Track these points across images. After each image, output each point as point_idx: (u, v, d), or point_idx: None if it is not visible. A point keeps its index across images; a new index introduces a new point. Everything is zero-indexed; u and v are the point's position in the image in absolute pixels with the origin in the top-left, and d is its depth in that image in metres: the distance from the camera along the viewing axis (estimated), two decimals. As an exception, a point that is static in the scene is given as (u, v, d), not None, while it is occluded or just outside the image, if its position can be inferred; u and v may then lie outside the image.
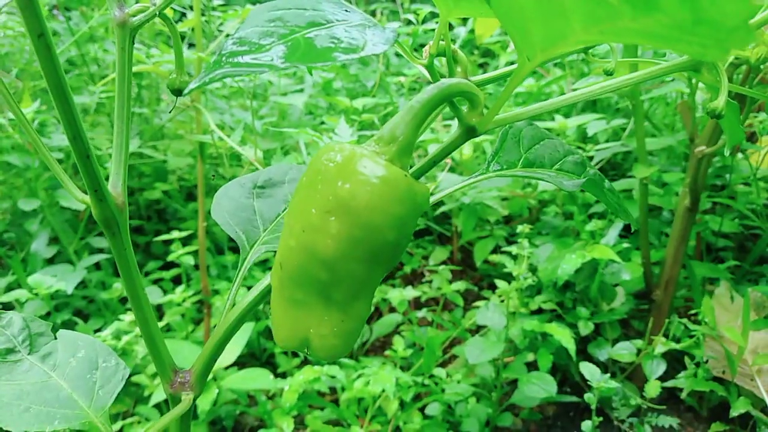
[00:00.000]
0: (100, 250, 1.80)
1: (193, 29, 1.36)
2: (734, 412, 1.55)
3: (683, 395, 1.63)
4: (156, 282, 1.90)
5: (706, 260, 1.90)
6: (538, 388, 1.38)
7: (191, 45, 1.47)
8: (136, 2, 0.45)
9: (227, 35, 1.46)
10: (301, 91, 2.57)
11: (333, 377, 1.55)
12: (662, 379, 1.55)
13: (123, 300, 1.73)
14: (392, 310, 2.16)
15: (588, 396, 1.17)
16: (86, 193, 0.40)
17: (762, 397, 1.56)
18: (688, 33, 0.26)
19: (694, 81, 1.47)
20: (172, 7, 1.27)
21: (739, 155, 1.94)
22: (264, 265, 2.02)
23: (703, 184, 1.47)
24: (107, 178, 0.42)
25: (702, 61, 0.44)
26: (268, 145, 1.94)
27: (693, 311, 1.66)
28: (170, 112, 1.26)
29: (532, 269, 1.63)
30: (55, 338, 0.56)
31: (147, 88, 2.06)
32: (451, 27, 0.54)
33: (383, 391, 1.41)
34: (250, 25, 0.35)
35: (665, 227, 1.93)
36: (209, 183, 2.39)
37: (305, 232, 0.39)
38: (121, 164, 0.41)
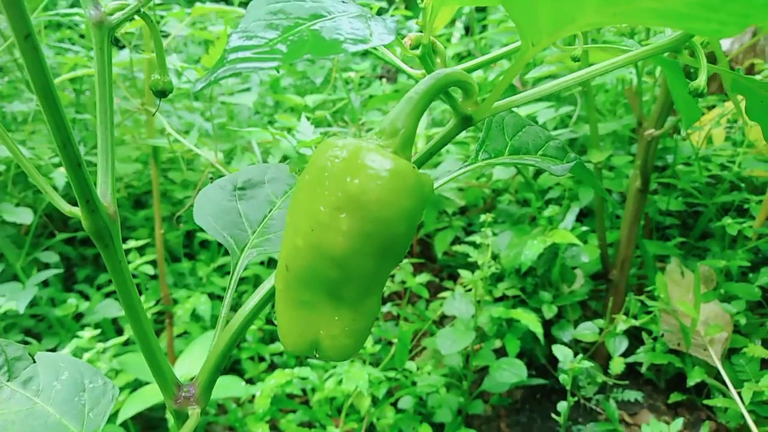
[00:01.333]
0: (48, 266, 1.71)
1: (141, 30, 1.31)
2: (690, 382, 1.62)
3: (643, 369, 1.70)
4: (108, 296, 1.83)
5: (654, 239, 1.98)
6: (509, 373, 1.40)
7: (136, 46, 1.41)
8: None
9: (173, 36, 1.41)
10: (248, 89, 2.52)
11: (304, 379, 1.54)
12: (623, 355, 1.61)
13: (78, 316, 1.65)
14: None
15: (563, 377, 1.20)
16: (74, 205, 0.38)
17: (715, 365, 1.64)
18: (714, 10, 0.27)
19: (639, 67, 1.53)
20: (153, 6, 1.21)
21: (678, 136, 2.03)
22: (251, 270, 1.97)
23: (652, 165, 1.53)
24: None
25: (683, 43, 0.46)
26: (219, 146, 1.90)
27: (648, 288, 1.72)
28: (153, 115, 1.21)
29: (494, 257, 1.66)
30: (34, 362, 0.53)
31: (84, 92, 1.96)
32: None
33: (356, 388, 1.40)
34: (252, 18, 0.33)
35: (616, 209, 2.00)
36: (161, 189, 2.31)
37: (314, 231, 0.38)
38: (108, 171, 0.39)
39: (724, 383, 1.59)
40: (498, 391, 1.58)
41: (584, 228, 1.61)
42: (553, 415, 1.27)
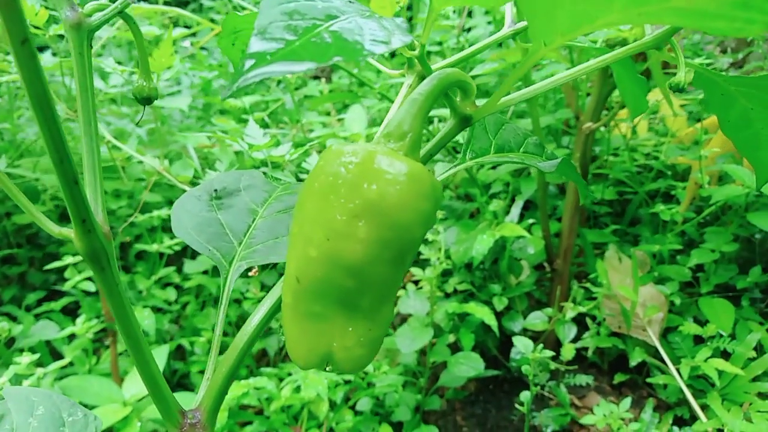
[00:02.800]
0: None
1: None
2: (633, 362, 1.70)
3: (589, 353, 1.77)
4: (39, 317, 1.71)
5: (589, 227, 2.06)
6: (467, 367, 1.42)
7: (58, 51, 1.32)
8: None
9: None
10: (179, 92, 2.43)
11: (260, 389, 1.50)
12: (571, 342, 1.66)
13: (9, 342, 1.53)
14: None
15: (525, 368, 1.23)
16: (64, 226, 0.34)
17: (653, 344, 1.73)
18: (746, 8, 0.27)
19: (575, 64, 1.59)
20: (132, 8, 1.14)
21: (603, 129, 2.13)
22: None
23: (590, 157, 1.59)
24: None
25: (665, 40, 0.47)
26: (152, 152, 1.81)
27: (590, 276, 1.79)
28: (137, 123, 1.12)
29: (445, 253, 1.67)
30: (2, 398, 0.48)
31: (10, 97, 1.81)
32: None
33: (317, 394, 1.38)
34: (267, 19, 0.31)
35: (553, 201, 2.07)
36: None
37: (330, 240, 0.36)
38: (98, 188, 0.35)
39: (663, 361, 1.69)
40: (455, 385, 1.60)
41: (531, 220, 1.66)
42: (516, 405, 1.30)
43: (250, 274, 0.61)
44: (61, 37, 1.33)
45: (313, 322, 0.40)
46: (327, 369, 0.41)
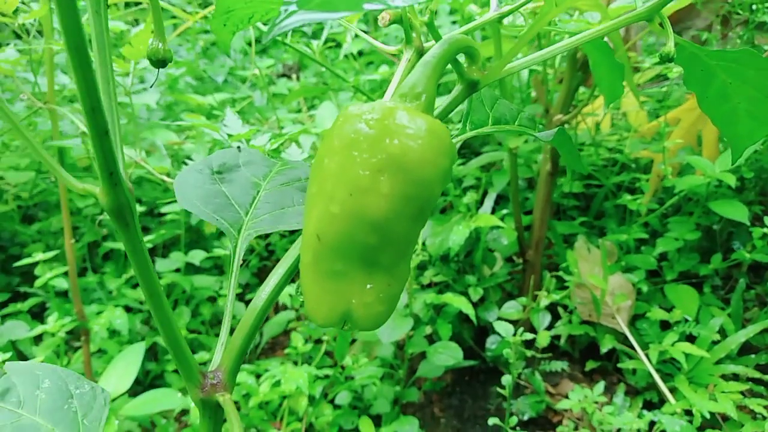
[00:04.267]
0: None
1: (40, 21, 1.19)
2: (603, 349, 1.75)
3: (562, 342, 1.81)
4: (6, 318, 1.65)
5: (560, 220, 2.11)
6: (446, 356, 1.44)
7: (39, 33, 1.28)
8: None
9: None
10: (144, 90, 2.38)
11: (238, 384, 1.48)
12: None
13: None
14: (277, 311, 2.10)
15: (506, 351, 1.25)
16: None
17: (623, 331, 1.79)
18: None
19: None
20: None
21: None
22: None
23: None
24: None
25: (656, 11, 0.50)
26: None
27: (561, 266, 1.84)
28: (151, 86, 1.07)
29: (421, 246, 1.69)
30: (5, 373, 0.47)
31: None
32: None
33: (297, 388, 1.38)
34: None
35: (523, 194, 2.11)
36: (47, 200, 2.12)
37: (353, 196, 0.37)
38: (119, 147, 0.35)
39: (632, 347, 1.74)
40: (433, 375, 1.61)
41: (504, 211, 1.69)
42: (497, 391, 1.32)
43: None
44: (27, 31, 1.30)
45: (333, 280, 0.40)
46: (345, 328, 0.42)
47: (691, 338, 1.73)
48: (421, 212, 0.39)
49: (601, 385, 1.56)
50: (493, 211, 1.86)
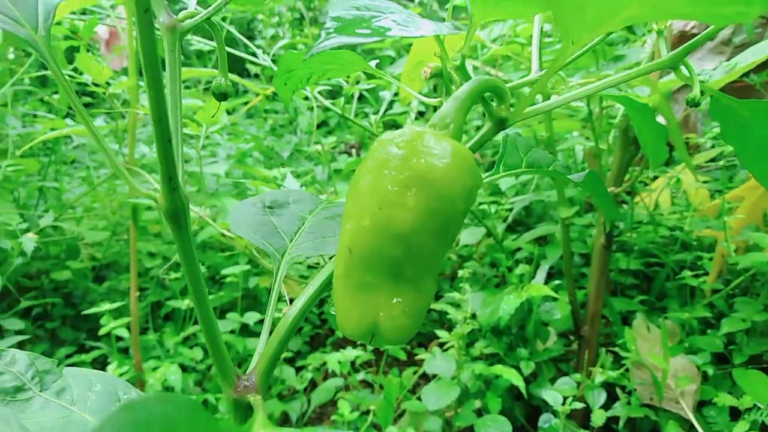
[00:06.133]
0: None
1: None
2: (667, 436, 1.64)
3: (620, 424, 1.71)
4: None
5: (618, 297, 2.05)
6: (494, 430, 1.39)
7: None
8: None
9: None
10: (215, 162, 2.55)
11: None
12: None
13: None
14: (326, 378, 2.10)
15: (554, 422, 1.20)
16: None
17: (688, 417, 1.68)
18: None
19: (596, 131, 1.66)
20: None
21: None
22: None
23: (614, 223, 1.62)
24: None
25: (679, 60, 0.53)
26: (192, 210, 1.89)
27: (617, 343, 1.77)
28: (212, 116, 1.19)
29: (471, 317, 1.68)
30: (62, 376, 0.51)
31: (56, 163, 1.94)
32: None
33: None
34: (339, 11, 0.37)
35: (578, 269, 2.08)
36: (118, 262, 2.25)
37: (382, 209, 0.41)
38: (180, 161, 0.41)
39: (698, 435, 1.62)
40: (481, 451, 1.55)
41: (557, 282, 1.67)
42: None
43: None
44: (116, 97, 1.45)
45: (362, 292, 0.43)
46: (371, 341, 0.44)
47: (764, 428, 1.60)
48: (445, 227, 0.42)
49: (663, 474, 1.45)
50: (545, 284, 1.83)
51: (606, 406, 1.67)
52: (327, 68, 0.70)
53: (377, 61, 0.71)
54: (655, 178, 2.39)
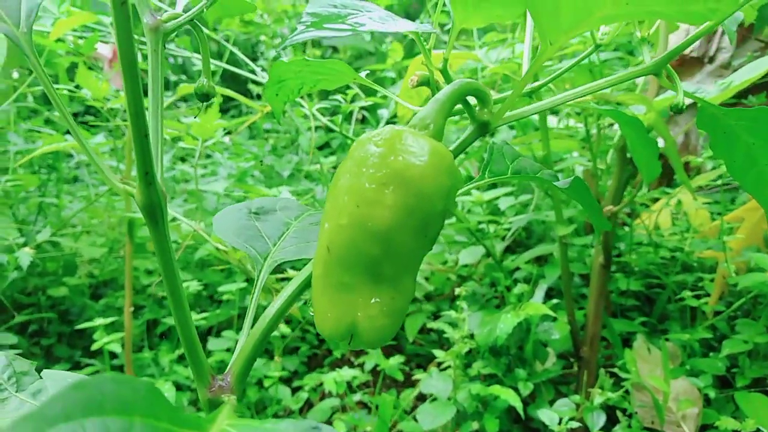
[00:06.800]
0: None
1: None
2: (668, 460, 1.61)
3: (621, 448, 1.68)
4: (63, 387, 1.71)
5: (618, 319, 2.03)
6: (491, 451, 1.36)
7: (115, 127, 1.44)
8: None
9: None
10: (216, 181, 2.56)
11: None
12: (600, 433, 1.59)
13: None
14: (323, 398, 2.07)
15: (551, 441, 1.18)
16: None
17: (690, 441, 1.64)
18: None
19: (594, 151, 1.66)
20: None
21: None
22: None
23: (612, 242, 1.62)
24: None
25: (662, 66, 0.53)
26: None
27: (617, 364, 1.75)
28: (195, 117, 1.19)
29: (469, 336, 1.66)
30: (40, 377, 0.50)
31: (57, 180, 1.95)
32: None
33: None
34: (316, 7, 0.38)
35: (579, 289, 2.06)
36: (116, 279, 2.25)
37: (359, 207, 0.40)
38: (159, 158, 0.41)
39: (701, 459, 1.59)
40: (478, 474, 1.52)
41: (555, 300, 1.65)
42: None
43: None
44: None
45: (340, 292, 0.42)
46: (350, 344, 0.44)
47: (768, 453, 1.56)
48: (423, 226, 0.41)
49: (664, 498, 1.42)
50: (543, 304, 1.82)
51: (606, 429, 1.64)
52: (318, 78, 0.71)
53: (367, 72, 0.71)
54: (656, 200, 2.39)
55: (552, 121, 1.86)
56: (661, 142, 2.08)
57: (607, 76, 0.53)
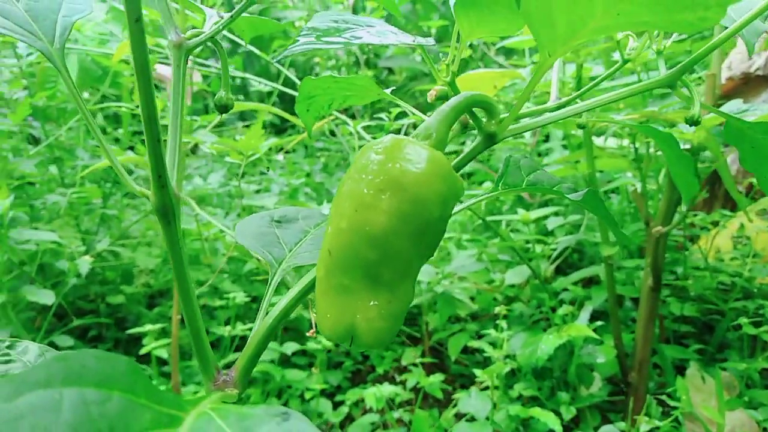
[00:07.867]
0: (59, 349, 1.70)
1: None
2: (723, 497, 1.52)
3: (670, 481, 1.60)
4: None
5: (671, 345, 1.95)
6: (529, 475, 1.33)
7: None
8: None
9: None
10: (267, 197, 2.63)
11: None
12: (648, 463, 1.52)
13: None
14: (365, 412, 2.08)
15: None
16: (142, 187, 0.42)
17: (747, 478, 1.55)
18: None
19: (644, 170, 1.62)
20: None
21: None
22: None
23: (662, 263, 1.56)
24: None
25: (677, 78, 0.52)
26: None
27: (668, 392, 1.68)
28: (213, 128, 1.27)
29: (510, 356, 1.64)
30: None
31: (120, 194, 2.07)
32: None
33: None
34: (316, 22, 0.40)
35: (629, 312, 2.00)
36: (170, 288, 2.34)
37: (357, 212, 0.42)
38: (175, 161, 0.44)
39: (758, 498, 1.49)
40: (516, 498, 1.48)
41: (600, 323, 1.61)
42: None
43: (308, 334, 0.66)
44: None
45: (340, 295, 0.44)
46: (350, 345, 0.45)
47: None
48: (420, 233, 0.42)
49: None
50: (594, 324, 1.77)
51: (655, 460, 1.57)
52: (347, 94, 0.73)
53: (393, 88, 0.73)
54: (716, 223, 2.29)
55: (601, 140, 1.82)
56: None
57: (657, 95, 0.52)
